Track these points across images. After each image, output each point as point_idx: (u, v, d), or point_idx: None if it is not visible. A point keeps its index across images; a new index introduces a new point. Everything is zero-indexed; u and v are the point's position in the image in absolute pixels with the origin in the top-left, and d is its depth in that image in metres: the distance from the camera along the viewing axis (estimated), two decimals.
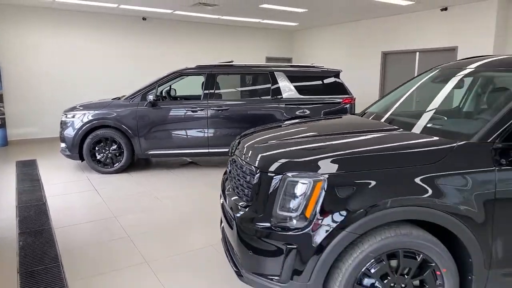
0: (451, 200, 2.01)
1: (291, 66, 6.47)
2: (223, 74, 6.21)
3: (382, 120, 2.94)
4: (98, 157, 5.96)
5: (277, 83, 6.21)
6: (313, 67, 6.55)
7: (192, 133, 6.00)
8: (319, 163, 2.07)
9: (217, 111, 6.01)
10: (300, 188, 2.05)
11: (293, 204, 2.06)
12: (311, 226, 1.99)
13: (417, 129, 2.52)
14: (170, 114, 5.94)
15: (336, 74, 6.46)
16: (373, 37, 9.64)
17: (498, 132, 2.12)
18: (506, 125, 2.12)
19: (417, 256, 2.05)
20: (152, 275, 2.97)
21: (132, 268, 3.08)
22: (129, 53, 9.85)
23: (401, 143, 2.22)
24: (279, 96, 6.17)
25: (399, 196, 1.97)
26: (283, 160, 2.17)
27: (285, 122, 3.24)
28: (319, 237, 1.97)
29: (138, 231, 3.81)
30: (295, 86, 6.24)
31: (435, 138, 2.27)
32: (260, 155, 2.33)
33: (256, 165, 2.29)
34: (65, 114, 5.97)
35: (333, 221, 1.96)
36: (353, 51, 10.27)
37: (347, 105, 6.33)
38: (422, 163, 2.04)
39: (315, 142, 2.41)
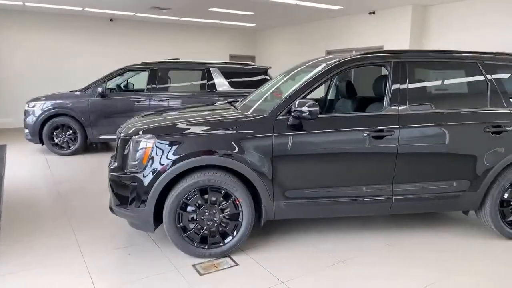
0: (243, 154, 3.01)
1: (226, 63, 7.45)
2: (165, 70, 7.18)
3: (238, 103, 3.94)
4: (56, 141, 6.93)
5: (212, 78, 7.19)
6: (247, 64, 7.53)
7: None
8: (154, 129, 3.10)
9: (158, 102, 6.99)
10: (141, 145, 3.05)
11: (137, 156, 3.06)
12: (145, 170, 2.99)
13: (244, 108, 3.52)
14: (118, 104, 6.92)
15: (265, 71, 7.45)
16: (318, 37, 10.65)
17: (281, 109, 3.13)
18: (287, 105, 3.13)
19: (221, 191, 3.06)
20: (66, 220, 3.97)
21: (53, 216, 4.07)
22: (99, 51, 10.81)
23: (217, 118, 3.23)
24: (213, 89, 7.16)
25: (199, 149, 2.97)
26: (133, 129, 3.19)
27: (169, 108, 4.24)
28: (150, 176, 2.98)
29: (69, 193, 4.80)
30: (228, 81, 7.23)
31: (245, 114, 3.27)
32: (125, 128, 3.35)
33: (121, 133, 3.29)
34: (28, 104, 6.93)
35: (160, 164, 2.97)
36: (302, 49, 11.28)
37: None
38: (223, 129, 3.05)
39: (167, 119, 3.40)
